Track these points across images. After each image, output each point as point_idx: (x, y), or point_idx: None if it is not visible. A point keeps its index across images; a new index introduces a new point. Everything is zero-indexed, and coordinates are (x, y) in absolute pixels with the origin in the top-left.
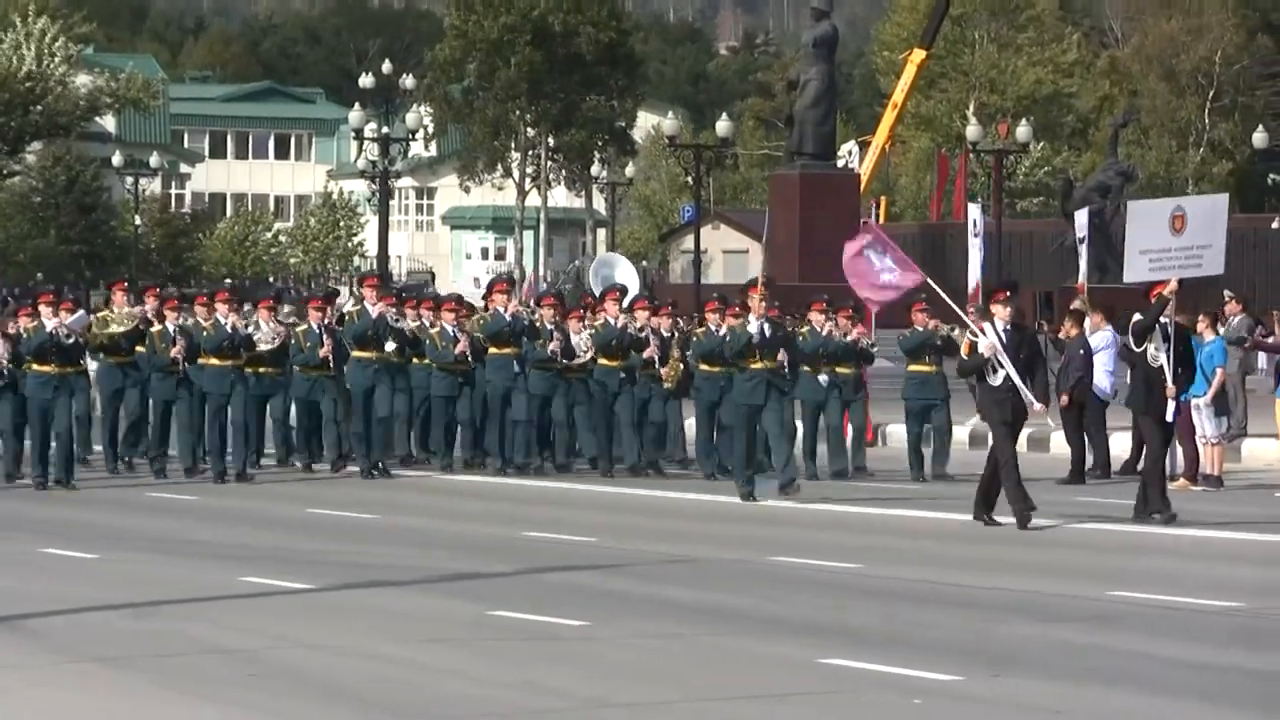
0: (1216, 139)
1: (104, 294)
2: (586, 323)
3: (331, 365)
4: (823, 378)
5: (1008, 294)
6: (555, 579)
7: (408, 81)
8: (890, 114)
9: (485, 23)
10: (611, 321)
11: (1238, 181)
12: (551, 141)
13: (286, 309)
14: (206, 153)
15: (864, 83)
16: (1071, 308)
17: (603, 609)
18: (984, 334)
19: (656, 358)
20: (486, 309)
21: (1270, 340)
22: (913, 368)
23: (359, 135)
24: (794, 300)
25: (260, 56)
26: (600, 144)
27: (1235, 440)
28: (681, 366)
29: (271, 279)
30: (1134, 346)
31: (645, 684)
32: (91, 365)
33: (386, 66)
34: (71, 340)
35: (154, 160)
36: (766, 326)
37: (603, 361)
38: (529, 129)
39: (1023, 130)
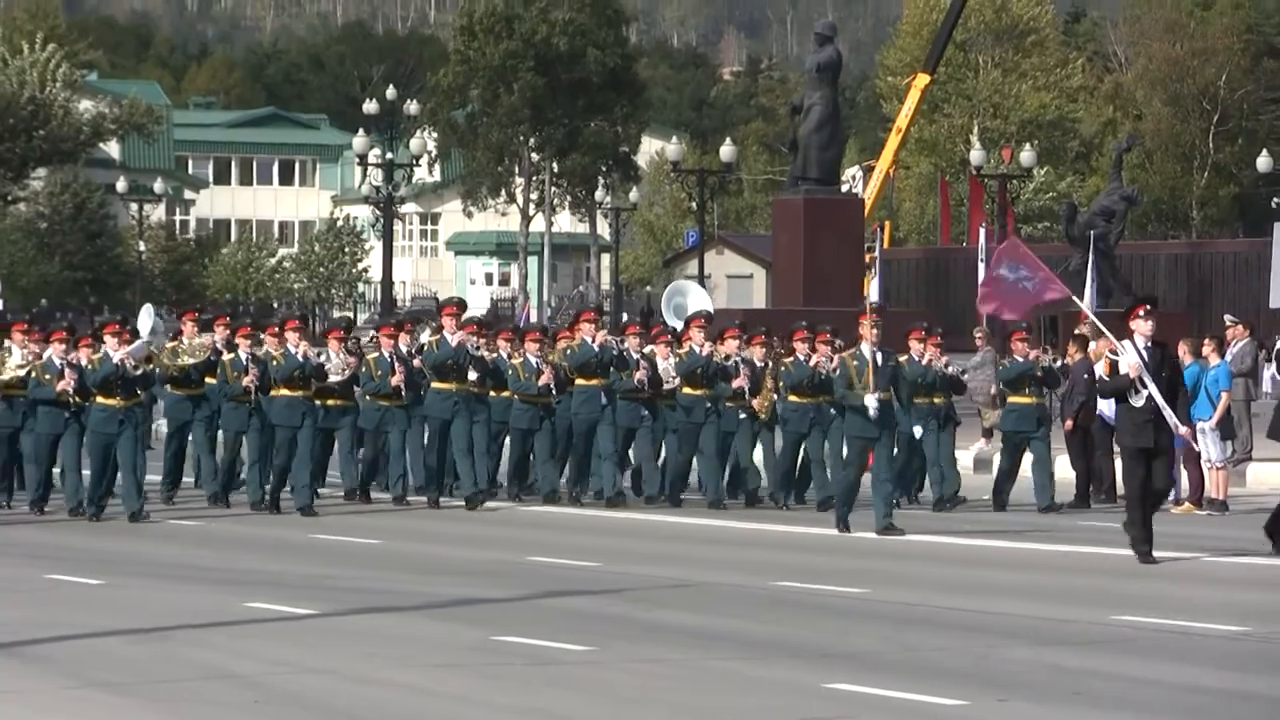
0: (1221, 162)
1: (107, 318)
2: (674, 351)
3: (404, 394)
4: (917, 430)
5: (1148, 308)
6: (559, 604)
7: (411, 107)
8: (894, 139)
9: (488, 48)
10: (696, 349)
11: (1241, 205)
12: (555, 167)
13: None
14: (211, 179)
15: (867, 107)
16: (1075, 332)
17: (606, 634)
18: (1125, 352)
19: (747, 388)
20: (571, 337)
21: None
22: (1012, 399)
23: (363, 161)
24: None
25: (264, 82)
26: (604, 169)
27: (1240, 464)
28: (775, 397)
29: (276, 305)
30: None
31: (649, 709)
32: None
33: (390, 92)
34: (139, 372)
35: (158, 186)
36: (879, 355)
37: (687, 390)
38: (533, 154)
39: (1026, 155)
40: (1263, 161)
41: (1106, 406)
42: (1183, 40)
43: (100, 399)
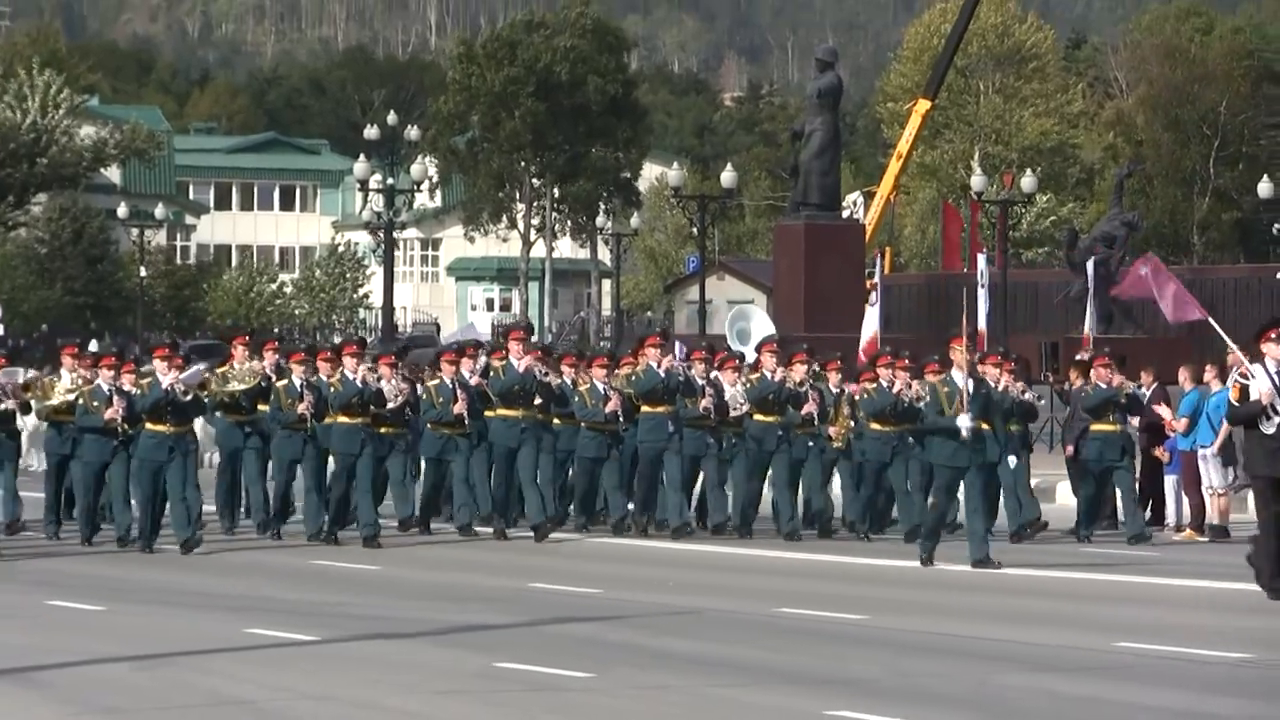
0: (1222, 188)
1: (111, 345)
2: (742, 376)
3: (466, 422)
4: (1011, 460)
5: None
6: (561, 630)
7: (412, 133)
8: (895, 164)
9: (489, 74)
10: (768, 375)
11: (1242, 231)
12: (556, 192)
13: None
14: (212, 204)
15: (868, 133)
16: (1076, 358)
17: (608, 660)
18: (1257, 377)
19: (815, 414)
20: (634, 363)
21: None
22: (1095, 427)
23: (364, 186)
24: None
25: (265, 108)
26: (605, 195)
27: (1242, 490)
28: (851, 424)
29: (276, 330)
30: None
31: None
32: (197, 422)
33: (391, 118)
34: (190, 398)
35: (159, 212)
36: (971, 382)
37: (759, 417)
38: (534, 180)
39: (1027, 181)
40: (1264, 187)
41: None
42: (1183, 66)
43: (149, 425)
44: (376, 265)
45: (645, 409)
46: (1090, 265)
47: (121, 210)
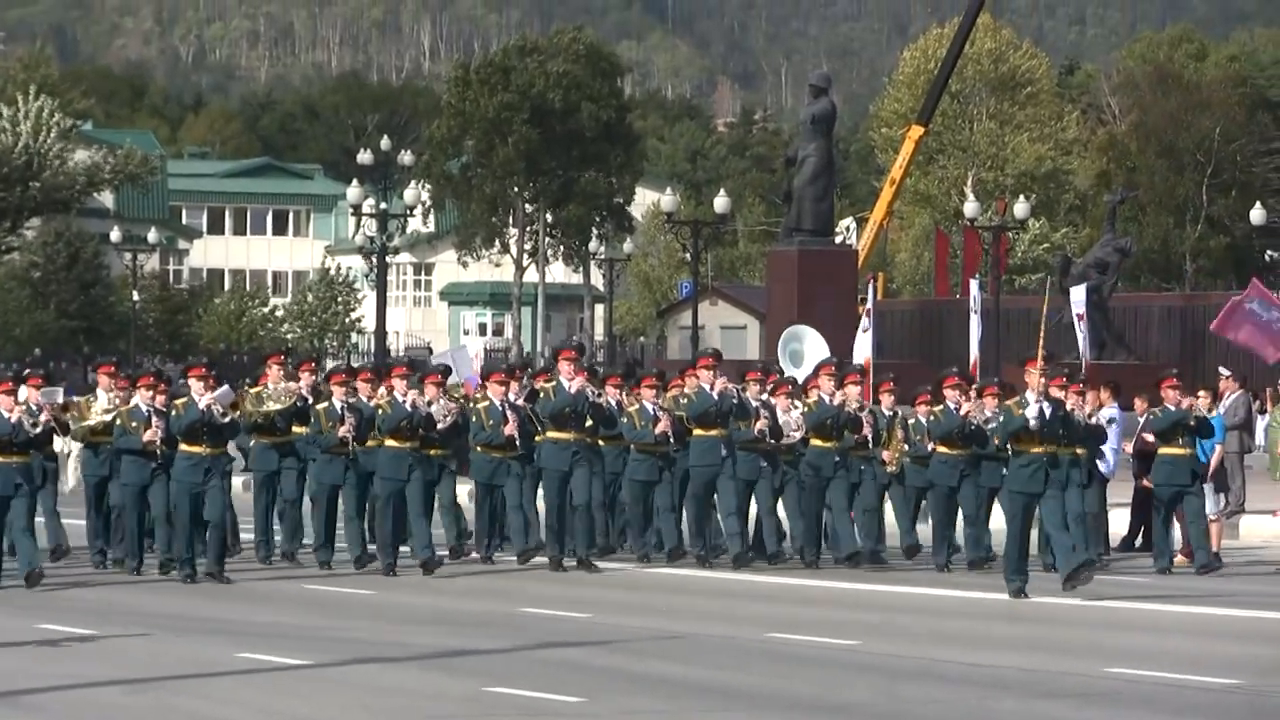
0: (1214, 215)
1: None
2: (797, 400)
3: (518, 445)
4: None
5: None
6: (551, 655)
7: (406, 158)
8: (888, 190)
9: (483, 100)
10: (826, 399)
11: (1235, 258)
12: (549, 217)
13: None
14: (205, 228)
15: (861, 159)
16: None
17: (598, 685)
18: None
19: (870, 437)
20: (682, 384)
21: None
22: (1164, 450)
23: (357, 211)
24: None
25: (259, 132)
26: (598, 220)
27: (1233, 517)
28: (905, 448)
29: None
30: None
31: None
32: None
33: (385, 143)
34: (228, 419)
35: (152, 236)
36: (1047, 406)
37: (816, 442)
38: (527, 205)
39: (1021, 207)
40: (1256, 214)
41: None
42: (1176, 93)
43: (185, 446)
44: (369, 290)
45: (697, 432)
46: (1082, 291)
47: (114, 235)
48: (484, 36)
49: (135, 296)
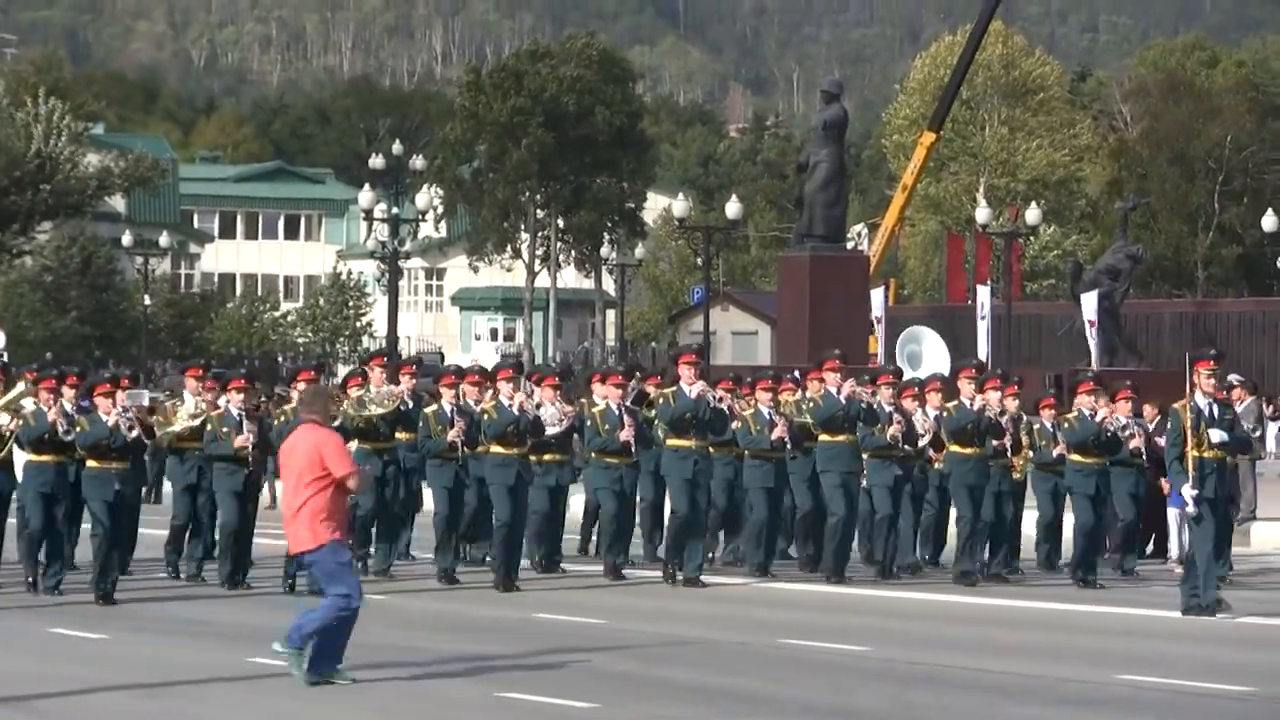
0: (1226, 222)
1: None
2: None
3: (634, 451)
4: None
5: None
6: (564, 660)
7: (417, 162)
8: (900, 196)
9: (495, 104)
10: (966, 402)
11: (1247, 265)
12: (561, 223)
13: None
14: (216, 233)
15: (872, 165)
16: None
17: (611, 691)
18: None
19: (1009, 445)
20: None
21: None
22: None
23: (369, 216)
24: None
25: (271, 137)
26: (610, 225)
27: (1244, 524)
28: (1030, 454)
29: (280, 358)
30: None
31: None
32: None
33: (396, 147)
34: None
35: (164, 240)
36: (1216, 408)
37: (956, 448)
38: (539, 210)
39: (1032, 213)
40: (1268, 221)
41: None
42: (1188, 100)
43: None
44: (380, 294)
45: (824, 438)
46: (1094, 298)
47: (126, 239)
48: (496, 41)
49: (147, 301)
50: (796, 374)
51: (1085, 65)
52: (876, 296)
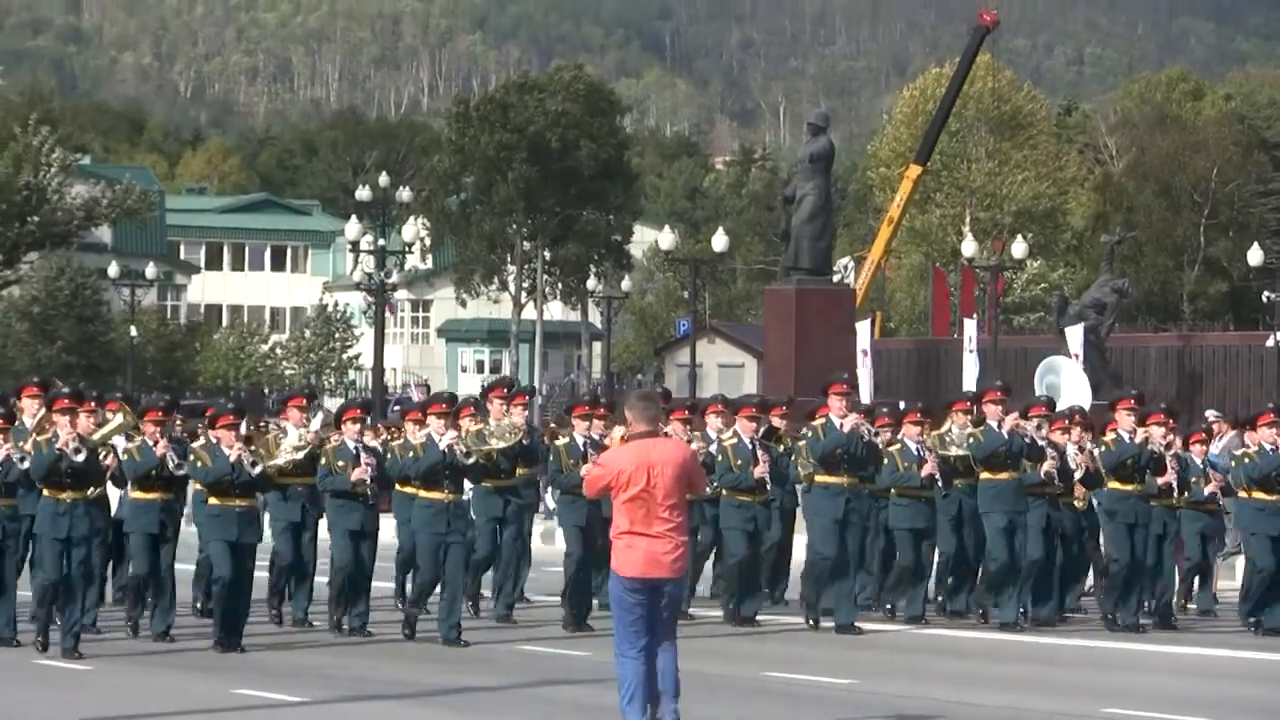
0: (1212, 256)
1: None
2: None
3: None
4: None
5: None
6: (546, 693)
7: (404, 194)
8: (886, 229)
9: (482, 137)
10: (1125, 436)
11: (1233, 299)
12: (548, 255)
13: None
14: (203, 264)
15: (858, 197)
16: None
17: None
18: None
19: (1175, 483)
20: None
21: None
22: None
23: (355, 247)
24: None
25: (257, 168)
26: (596, 258)
27: (1229, 558)
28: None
29: (267, 391)
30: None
31: None
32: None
33: (383, 179)
34: (471, 460)
35: (150, 271)
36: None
37: (1114, 485)
38: (525, 242)
39: (1018, 246)
40: (1254, 255)
41: None
42: (1174, 134)
43: (424, 492)
44: (367, 326)
45: (985, 475)
46: (1079, 332)
47: (112, 270)
48: (482, 74)
49: (133, 332)
50: (886, 409)
51: (1071, 98)
52: (863, 329)
